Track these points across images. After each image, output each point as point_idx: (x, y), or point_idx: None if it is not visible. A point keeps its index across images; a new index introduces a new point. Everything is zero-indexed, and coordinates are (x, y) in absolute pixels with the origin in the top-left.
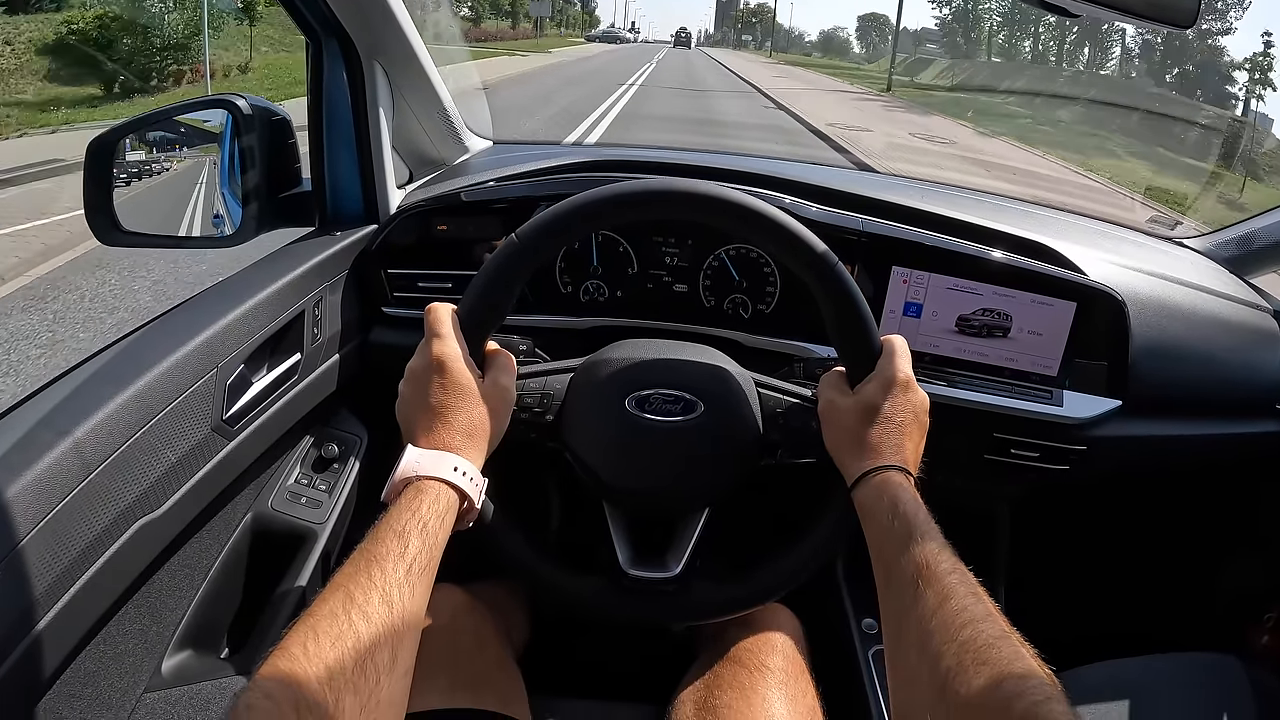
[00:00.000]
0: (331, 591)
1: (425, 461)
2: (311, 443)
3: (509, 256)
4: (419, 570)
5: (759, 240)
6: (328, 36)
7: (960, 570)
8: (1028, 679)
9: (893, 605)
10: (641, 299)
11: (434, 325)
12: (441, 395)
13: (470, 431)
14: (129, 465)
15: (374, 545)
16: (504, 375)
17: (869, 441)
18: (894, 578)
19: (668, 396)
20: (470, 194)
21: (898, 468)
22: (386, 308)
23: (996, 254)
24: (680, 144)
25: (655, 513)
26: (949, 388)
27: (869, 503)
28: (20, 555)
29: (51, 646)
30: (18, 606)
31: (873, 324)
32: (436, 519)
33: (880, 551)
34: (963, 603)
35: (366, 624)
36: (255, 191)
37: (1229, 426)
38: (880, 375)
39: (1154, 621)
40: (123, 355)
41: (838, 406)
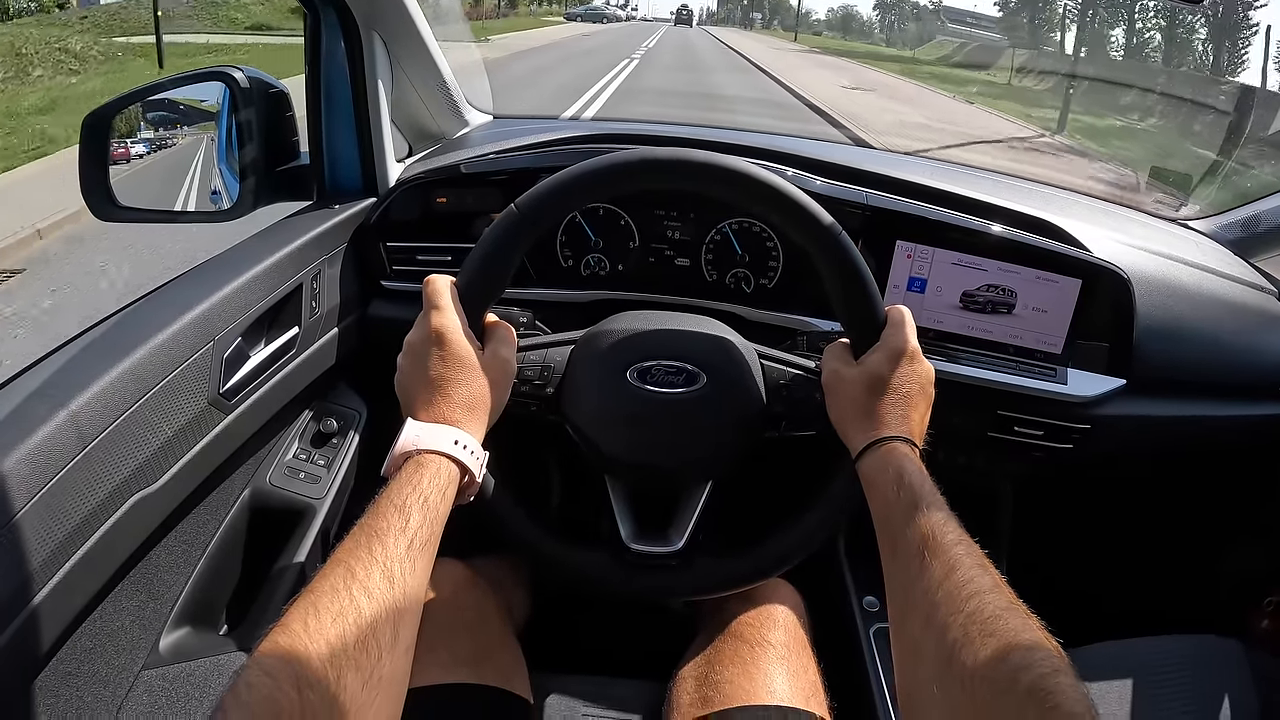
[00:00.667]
0: (332, 567)
1: (425, 435)
2: (310, 417)
3: (508, 227)
4: (420, 545)
5: (761, 210)
6: (325, 7)
7: (966, 541)
8: (1035, 650)
9: (898, 576)
10: (643, 273)
11: (432, 297)
12: (441, 368)
13: (470, 404)
14: (125, 439)
15: (375, 520)
16: (504, 347)
17: (874, 412)
18: (899, 549)
19: (670, 368)
20: (470, 166)
21: (903, 439)
22: (385, 281)
23: (1001, 229)
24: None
25: (657, 486)
26: (952, 364)
27: (874, 474)
28: (16, 529)
29: (48, 623)
30: (13, 582)
31: (877, 294)
32: (438, 493)
33: (885, 522)
34: (969, 574)
35: (368, 600)
36: (253, 165)
37: (1232, 408)
38: (885, 345)
39: (1155, 603)
40: (118, 328)
41: (842, 377)
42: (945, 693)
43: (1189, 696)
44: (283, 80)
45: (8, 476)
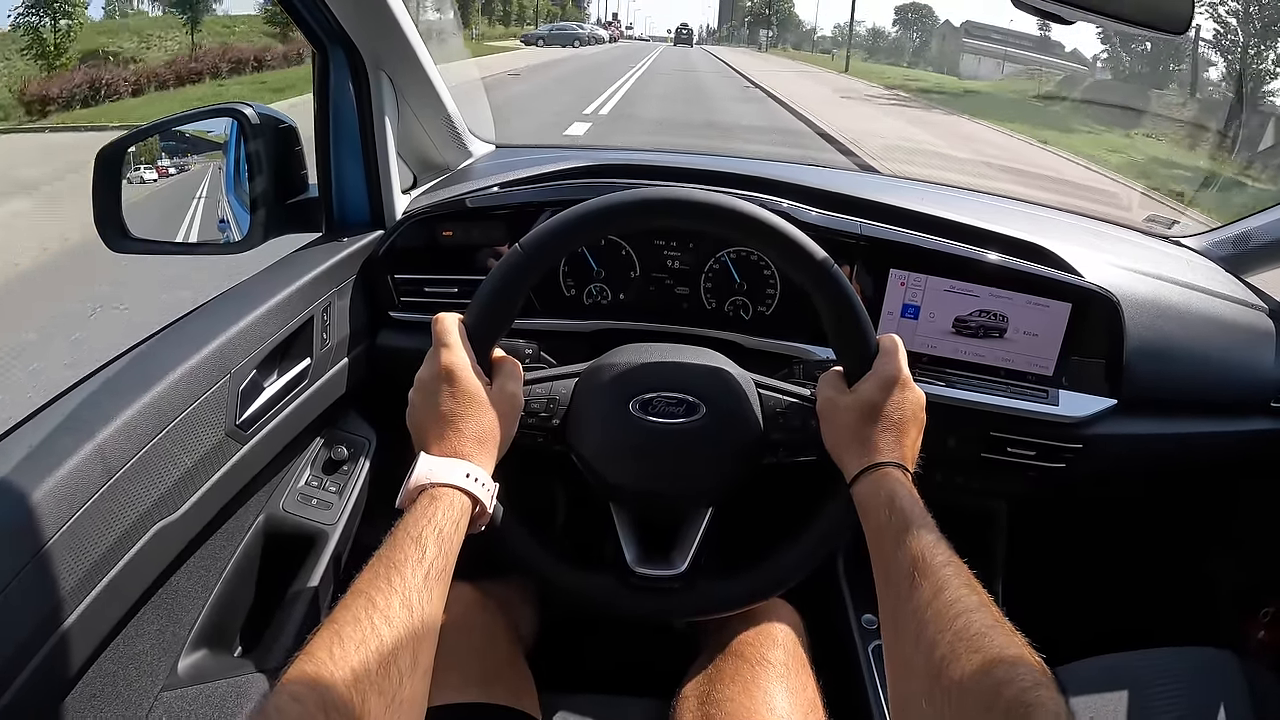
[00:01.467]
0: (354, 597)
1: (438, 469)
2: (321, 445)
3: (513, 266)
4: (436, 575)
5: (757, 245)
6: (334, 46)
7: (955, 563)
8: (1017, 665)
9: (890, 597)
10: (644, 301)
11: (441, 335)
12: (451, 403)
13: (480, 438)
14: (147, 470)
15: (393, 551)
16: (511, 382)
17: (867, 439)
18: (891, 570)
19: (670, 399)
20: (475, 200)
21: (895, 464)
22: (393, 312)
23: (992, 256)
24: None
25: (660, 512)
26: (946, 388)
27: (867, 498)
28: (47, 557)
29: (75, 646)
30: (45, 608)
31: (869, 324)
32: (451, 525)
33: (878, 545)
34: (957, 593)
35: (389, 628)
36: (263, 198)
37: (1225, 424)
38: (877, 374)
39: (1151, 617)
40: (138, 362)
41: (836, 405)
42: (933, 706)
43: (1184, 709)
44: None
45: (39, 507)
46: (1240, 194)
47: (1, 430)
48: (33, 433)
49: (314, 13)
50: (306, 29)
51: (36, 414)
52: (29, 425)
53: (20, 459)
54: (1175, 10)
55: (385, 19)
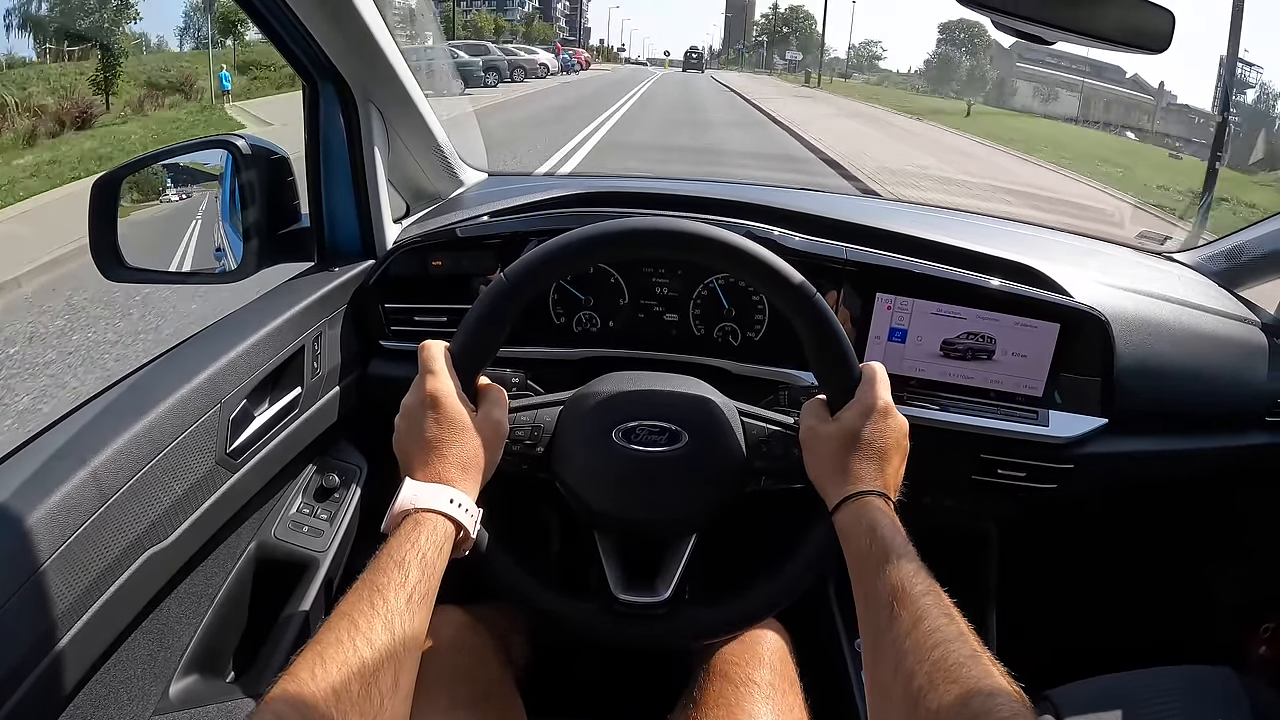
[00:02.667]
0: (337, 619)
1: (422, 494)
2: (313, 472)
3: (498, 295)
4: (419, 599)
5: (741, 274)
6: (324, 80)
7: (935, 592)
8: (995, 696)
9: (870, 626)
10: (633, 329)
11: (427, 362)
12: (436, 430)
13: (464, 464)
14: (139, 497)
15: (376, 575)
16: (496, 409)
17: (848, 467)
18: (871, 599)
19: (653, 428)
20: (465, 230)
21: (876, 493)
22: (384, 341)
23: (979, 278)
24: (674, 173)
25: (644, 539)
26: (935, 411)
27: (848, 527)
28: (41, 582)
29: (67, 671)
30: (36, 632)
31: (851, 353)
32: (435, 549)
33: (859, 574)
34: (935, 623)
35: (371, 650)
36: (256, 228)
37: (1218, 440)
38: (859, 402)
39: (1150, 635)
40: (131, 391)
41: (818, 433)
42: None
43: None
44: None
45: (34, 531)
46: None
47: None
48: (29, 459)
49: (304, 48)
50: (296, 63)
51: (32, 440)
52: (25, 451)
53: (17, 484)
54: (1156, 29)
55: (374, 53)
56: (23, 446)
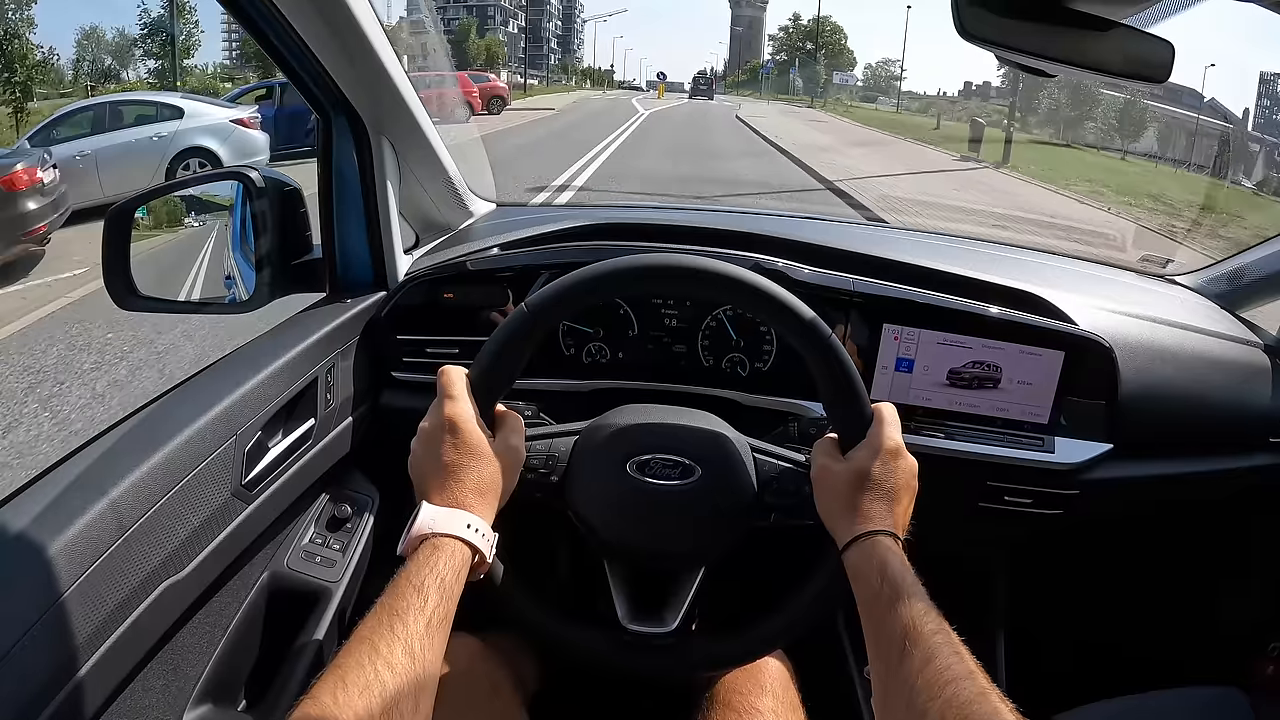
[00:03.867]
0: (357, 644)
1: (440, 518)
2: (326, 503)
3: (519, 324)
4: (438, 623)
5: (757, 313)
6: (336, 114)
7: (945, 630)
8: None
9: (881, 663)
10: (642, 360)
11: (447, 387)
12: (453, 454)
13: (481, 489)
14: (157, 528)
15: (395, 600)
16: (514, 436)
17: (859, 507)
18: (882, 638)
19: (667, 461)
20: (476, 262)
21: (886, 532)
22: (396, 372)
23: (984, 307)
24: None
25: (653, 570)
26: (942, 439)
27: (858, 566)
28: (62, 611)
29: (85, 700)
30: (55, 662)
31: (864, 394)
32: (453, 574)
33: (869, 613)
34: (946, 662)
35: (391, 674)
36: (268, 259)
37: (1223, 462)
38: (871, 443)
39: (1157, 657)
40: (148, 423)
41: (830, 472)
42: None
43: None
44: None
45: (55, 561)
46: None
47: (19, 485)
48: (48, 489)
49: (317, 80)
50: (310, 96)
51: (51, 470)
52: (44, 481)
53: (37, 514)
54: (1157, 58)
55: (386, 86)
56: (42, 476)
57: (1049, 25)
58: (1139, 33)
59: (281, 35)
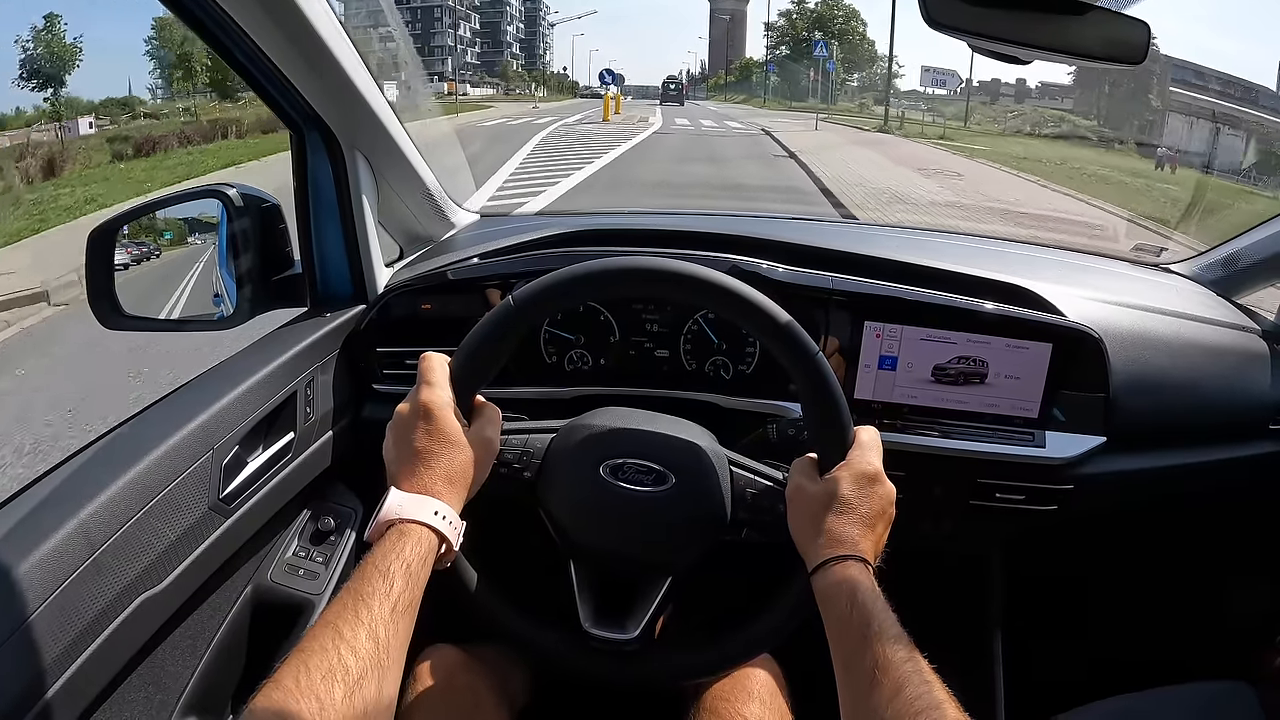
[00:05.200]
0: (322, 628)
1: (408, 505)
2: (309, 516)
3: (503, 317)
4: (403, 608)
5: (742, 323)
6: (309, 129)
7: (915, 659)
8: None
9: (850, 692)
10: (624, 366)
11: (426, 373)
12: (426, 440)
13: (451, 478)
14: (131, 544)
15: (360, 584)
16: (490, 427)
17: (831, 530)
18: (852, 666)
19: (641, 467)
20: (456, 272)
21: (857, 558)
22: (377, 385)
23: (968, 301)
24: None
25: (619, 576)
26: (930, 437)
27: (828, 591)
28: (28, 630)
29: (59, 716)
30: (25, 679)
31: (847, 416)
32: (419, 561)
33: (838, 640)
34: (916, 691)
35: (355, 658)
36: (249, 275)
37: (1222, 451)
38: (851, 466)
39: (1161, 652)
40: (122, 440)
41: (805, 492)
42: None
43: None
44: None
45: (20, 581)
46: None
47: None
48: (16, 509)
49: (287, 97)
50: (281, 112)
51: (22, 492)
52: (14, 503)
53: (6, 533)
54: (1132, 39)
55: (357, 102)
56: (14, 497)
57: (1024, 11)
58: (1115, 15)
59: (245, 50)
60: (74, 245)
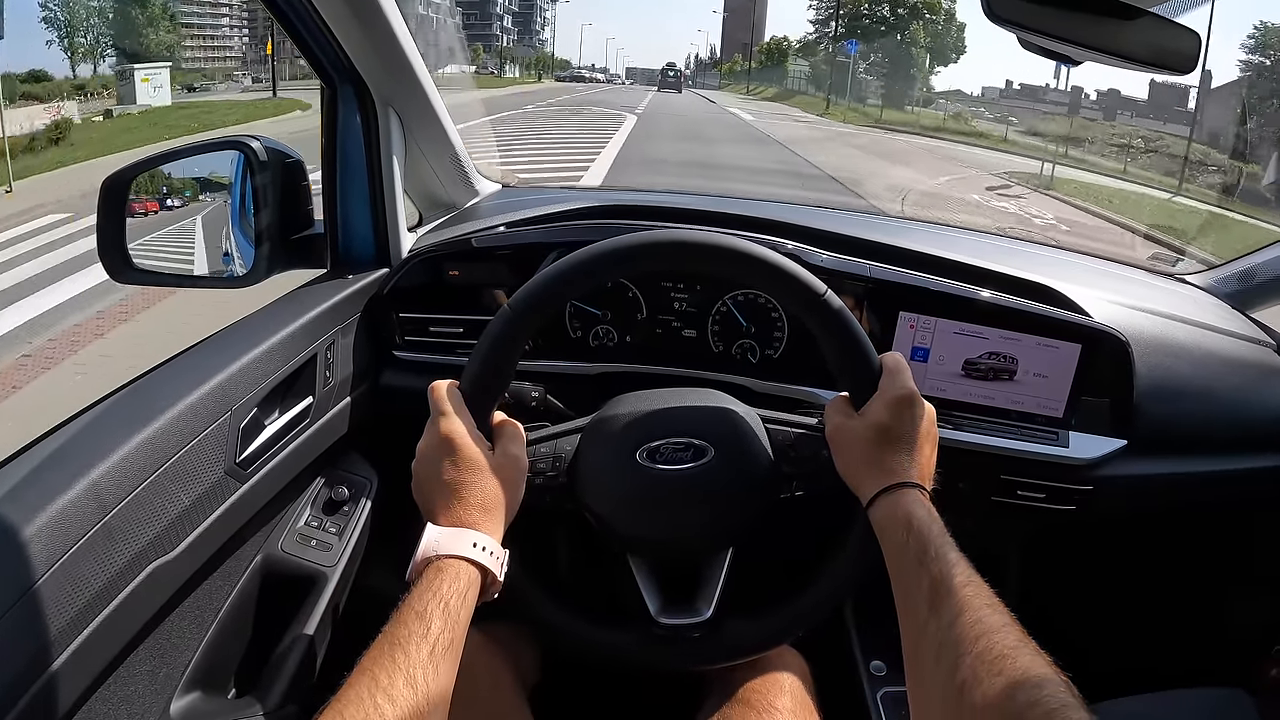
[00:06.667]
0: (358, 676)
1: (444, 540)
2: (322, 485)
3: (504, 327)
4: (443, 650)
5: (752, 281)
6: (343, 83)
7: (976, 582)
8: (1043, 687)
9: (910, 620)
10: (650, 344)
11: (438, 403)
12: (454, 472)
13: (486, 506)
14: (143, 508)
15: (397, 628)
16: (514, 445)
17: (880, 461)
18: (910, 594)
19: (677, 445)
20: (481, 240)
21: (911, 484)
22: (397, 351)
23: (1001, 298)
24: (691, 188)
25: (679, 559)
26: (956, 431)
27: (884, 521)
28: (36, 596)
29: (65, 688)
30: (31, 648)
31: (869, 345)
32: (458, 597)
33: (897, 568)
34: (978, 614)
35: (392, 707)
36: (267, 232)
37: (1236, 462)
38: (884, 394)
39: (1164, 657)
40: (136, 397)
41: (846, 430)
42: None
43: None
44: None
45: (29, 544)
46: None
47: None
48: (23, 468)
49: (325, 50)
50: (317, 64)
51: (31, 446)
52: (20, 460)
53: (12, 493)
54: (1183, 50)
55: (397, 57)
56: (21, 452)
57: (1076, 11)
58: (1166, 22)
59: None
60: None
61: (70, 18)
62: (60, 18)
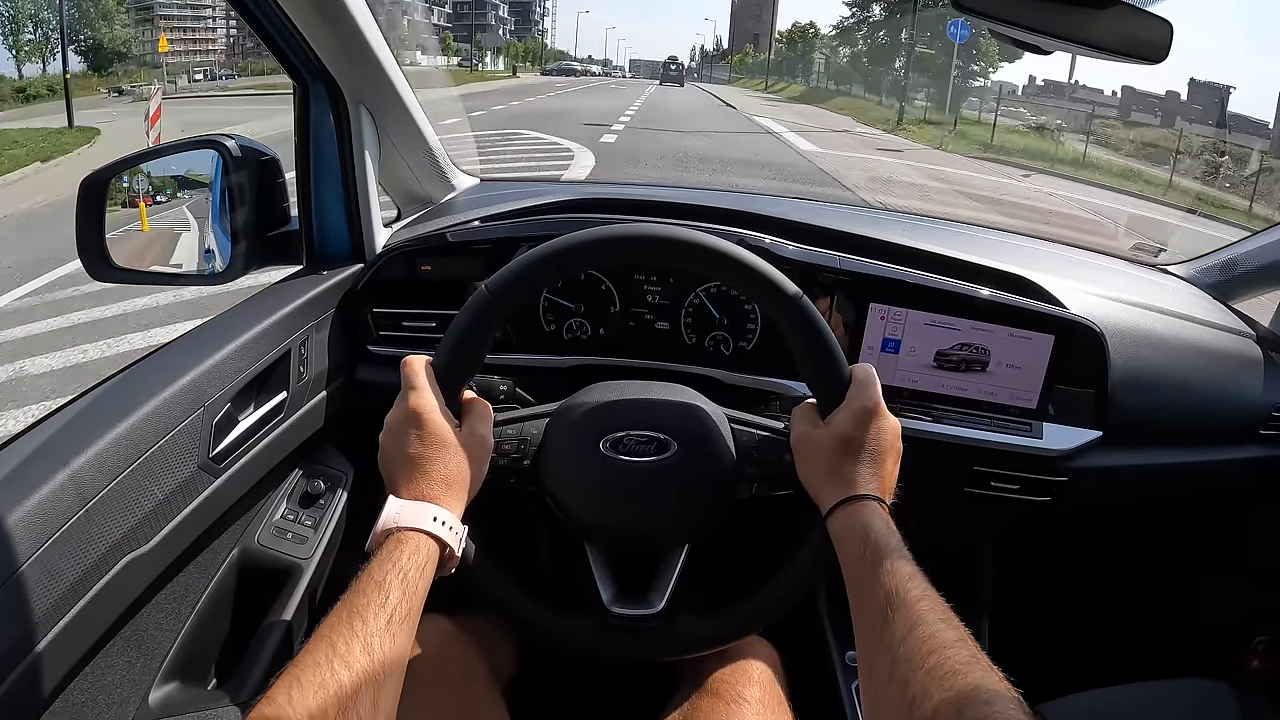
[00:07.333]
0: (315, 642)
1: (405, 512)
2: (298, 478)
3: (480, 308)
4: (400, 619)
5: (725, 279)
6: (314, 81)
7: (930, 596)
8: (992, 704)
9: (865, 632)
10: (624, 337)
11: (409, 378)
12: (419, 446)
13: (449, 481)
14: (120, 501)
15: (356, 596)
16: (481, 424)
17: (841, 471)
18: (865, 605)
19: (641, 437)
20: (455, 234)
21: (870, 496)
22: (372, 346)
23: (973, 289)
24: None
25: (635, 551)
26: (929, 422)
27: (842, 532)
28: (15, 585)
29: (43, 678)
30: (10, 637)
31: (840, 354)
32: (416, 569)
33: (853, 580)
34: (931, 629)
35: (348, 672)
36: (244, 230)
37: (1212, 453)
38: (851, 404)
39: (1144, 648)
40: (113, 393)
41: (810, 438)
42: None
43: None
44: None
45: (10, 534)
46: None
47: None
48: (5, 461)
49: (294, 48)
50: (287, 63)
51: (10, 442)
52: (2, 454)
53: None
54: (1155, 39)
55: (366, 55)
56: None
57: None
58: (1138, 10)
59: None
60: None
61: (14, 13)
62: (3, 11)
